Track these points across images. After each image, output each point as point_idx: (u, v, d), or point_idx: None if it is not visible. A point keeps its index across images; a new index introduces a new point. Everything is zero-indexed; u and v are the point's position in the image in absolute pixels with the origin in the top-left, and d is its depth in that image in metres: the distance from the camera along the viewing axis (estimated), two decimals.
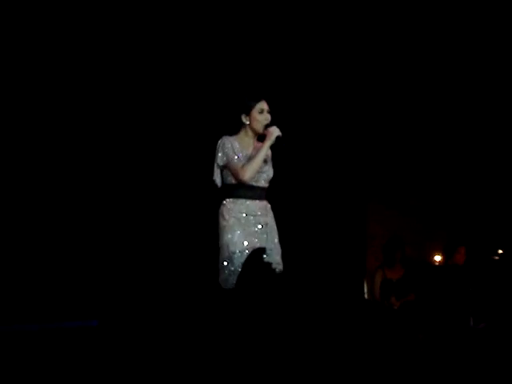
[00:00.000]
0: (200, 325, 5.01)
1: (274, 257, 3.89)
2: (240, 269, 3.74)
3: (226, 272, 3.77)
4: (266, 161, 3.97)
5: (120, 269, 5.47)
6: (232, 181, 3.91)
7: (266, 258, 3.82)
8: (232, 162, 3.86)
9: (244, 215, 3.85)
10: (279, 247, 3.96)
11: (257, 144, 3.97)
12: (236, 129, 3.98)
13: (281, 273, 3.90)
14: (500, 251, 6.71)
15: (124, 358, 4.76)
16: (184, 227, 5.58)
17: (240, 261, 3.75)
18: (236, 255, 3.76)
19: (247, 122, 3.93)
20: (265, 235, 3.88)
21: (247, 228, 3.83)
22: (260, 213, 3.90)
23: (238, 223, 3.83)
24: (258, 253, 3.78)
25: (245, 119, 3.93)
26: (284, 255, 3.98)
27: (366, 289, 6.48)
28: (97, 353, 4.83)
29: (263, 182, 3.96)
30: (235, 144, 3.91)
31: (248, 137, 3.97)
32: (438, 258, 6.95)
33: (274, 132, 3.89)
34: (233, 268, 3.76)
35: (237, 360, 3.66)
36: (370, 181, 6.79)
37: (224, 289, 3.78)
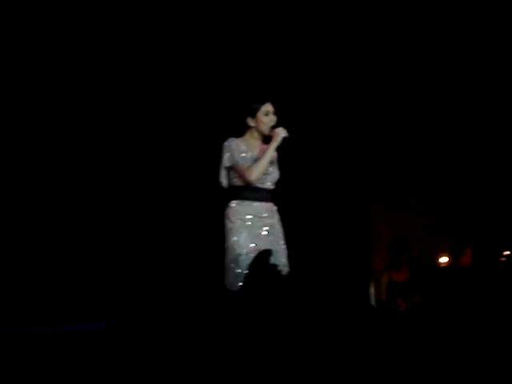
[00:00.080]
0: (206, 327, 5.01)
1: (280, 259, 3.90)
2: (246, 271, 3.74)
3: (232, 274, 3.78)
4: (272, 162, 3.97)
5: (127, 270, 5.48)
6: (238, 183, 3.91)
7: (272, 260, 3.81)
8: (238, 164, 3.87)
9: (250, 217, 3.86)
10: (285, 249, 3.97)
11: (262, 146, 3.98)
12: (242, 131, 3.99)
13: (287, 275, 3.91)
14: (506, 252, 6.69)
15: (131, 360, 4.77)
16: (190, 229, 5.59)
17: (246, 263, 3.75)
18: (242, 257, 3.77)
19: (253, 125, 3.94)
20: (271, 237, 3.90)
21: (253, 230, 3.84)
22: (266, 215, 3.91)
23: (244, 225, 3.84)
24: (264, 255, 3.78)
25: (251, 122, 3.94)
26: (290, 257, 3.99)
27: (373, 291, 6.48)
28: (104, 355, 4.84)
29: (269, 184, 3.96)
30: (241, 145, 3.92)
31: (254, 139, 3.97)
32: (445, 260, 6.93)
33: (281, 133, 3.90)
34: (239, 270, 3.77)
35: (243, 361, 3.66)
36: (376, 182, 6.78)
37: (230, 291, 3.79)
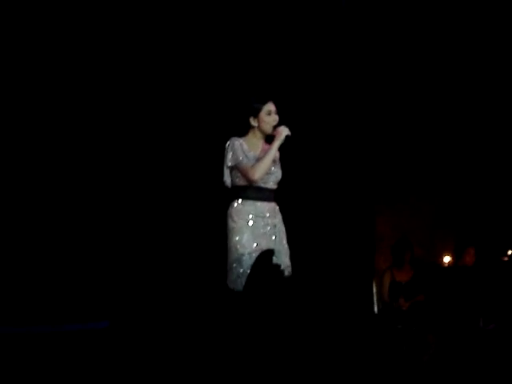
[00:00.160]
0: (209, 326, 5.01)
1: (283, 258, 3.90)
2: (249, 271, 3.73)
3: (235, 274, 3.78)
4: (275, 161, 3.97)
5: (130, 270, 5.49)
6: (241, 182, 3.91)
7: (275, 260, 3.81)
8: (242, 163, 3.86)
9: (253, 217, 3.85)
10: (288, 249, 3.97)
11: (265, 146, 3.98)
12: (244, 131, 3.99)
13: (289, 275, 3.91)
14: (509, 252, 6.69)
15: (135, 360, 4.78)
16: (193, 229, 5.59)
17: (249, 263, 3.75)
18: (245, 257, 3.77)
19: (256, 125, 3.94)
20: (273, 237, 3.89)
21: (256, 230, 3.84)
22: (269, 214, 3.90)
23: (247, 225, 3.83)
24: (267, 254, 3.78)
25: (253, 122, 3.93)
26: (292, 257, 3.99)
27: (375, 290, 6.48)
28: (108, 354, 4.85)
29: (272, 184, 3.96)
30: (244, 145, 3.91)
31: (256, 138, 3.97)
32: (448, 259, 6.93)
33: (283, 132, 3.90)
34: (241, 270, 3.76)
35: (246, 362, 3.67)
36: (379, 182, 6.78)
37: (232, 290, 3.79)
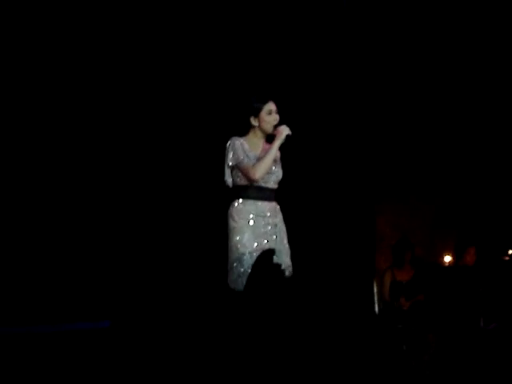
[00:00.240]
0: (210, 325, 5.02)
1: (284, 258, 3.90)
2: (249, 270, 3.74)
3: (236, 273, 3.78)
4: (276, 161, 3.97)
5: (130, 269, 5.49)
6: (241, 182, 3.91)
7: (276, 260, 3.81)
8: (242, 162, 3.86)
9: (253, 216, 3.85)
10: (288, 248, 3.97)
11: (265, 145, 3.98)
12: (245, 130, 3.99)
13: (290, 274, 3.91)
14: (510, 251, 6.69)
15: (135, 359, 4.78)
16: (194, 229, 5.59)
17: (249, 262, 3.75)
18: (245, 256, 3.77)
19: (256, 124, 3.94)
20: (274, 236, 3.89)
21: (257, 229, 3.84)
22: (269, 214, 3.90)
23: (248, 224, 3.83)
24: (268, 254, 3.78)
25: (254, 121, 3.94)
26: (293, 256, 3.99)
27: (376, 290, 6.48)
28: (109, 354, 4.85)
29: (272, 184, 3.96)
30: (245, 145, 3.91)
31: (257, 138, 3.98)
32: (448, 259, 6.93)
33: (284, 131, 3.90)
34: (242, 269, 3.76)
35: (246, 360, 3.67)
36: (379, 181, 6.78)
37: (233, 290, 3.79)
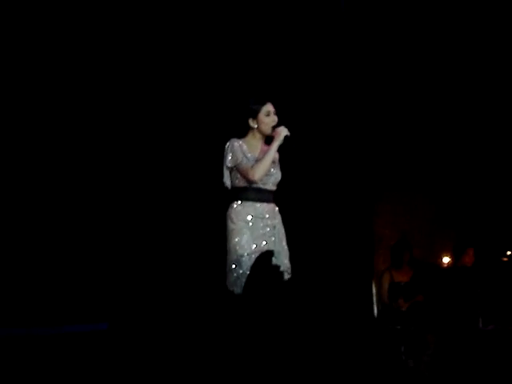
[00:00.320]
0: (208, 328, 5.01)
1: (282, 260, 3.91)
2: (248, 272, 3.74)
3: (235, 275, 3.78)
4: (275, 163, 3.98)
5: (129, 271, 5.48)
6: (240, 183, 3.92)
7: (274, 261, 3.82)
8: (241, 164, 3.87)
9: (252, 218, 3.86)
10: (287, 250, 3.97)
11: (264, 147, 3.98)
12: (243, 132, 3.99)
13: (289, 276, 3.92)
14: (509, 252, 6.69)
15: (133, 362, 4.78)
16: (193, 230, 5.59)
17: (248, 264, 3.75)
18: (244, 258, 3.77)
19: (255, 126, 3.94)
20: (273, 238, 3.89)
21: (255, 231, 3.84)
22: (268, 216, 3.90)
23: (246, 226, 3.83)
24: (267, 256, 3.79)
25: (252, 123, 3.94)
26: (292, 258, 3.99)
27: (375, 291, 6.48)
28: (107, 356, 4.84)
29: (271, 185, 3.96)
30: (243, 146, 3.92)
31: (255, 139, 3.98)
32: (447, 260, 6.94)
33: (282, 132, 3.90)
34: (241, 271, 3.77)
35: (246, 363, 3.67)
36: (378, 182, 6.79)
37: (232, 292, 3.79)
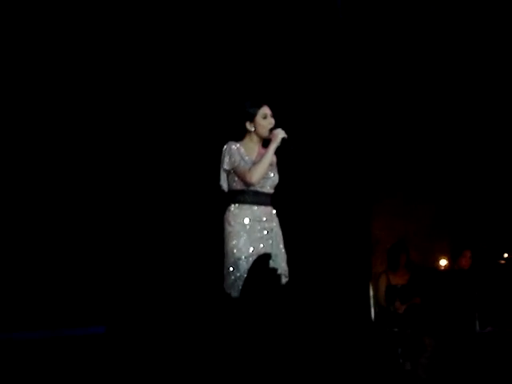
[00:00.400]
0: (206, 330, 5.02)
1: (280, 262, 3.91)
2: (246, 274, 3.75)
3: (232, 278, 3.79)
4: (272, 165, 3.98)
5: (126, 274, 5.48)
6: (237, 186, 3.92)
7: (272, 264, 3.83)
8: (239, 166, 3.87)
9: (249, 221, 3.86)
10: (284, 253, 3.98)
11: (261, 150, 3.98)
12: (240, 135, 4.00)
13: (286, 279, 3.92)
14: (506, 255, 6.69)
15: (130, 365, 4.78)
16: (190, 233, 5.60)
17: (245, 266, 3.76)
18: (241, 261, 3.78)
19: (252, 129, 3.95)
20: (270, 241, 3.90)
21: (253, 234, 3.85)
22: (265, 218, 3.91)
23: (244, 229, 3.84)
24: (264, 258, 3.79)
25: (249, 126, 3.95)
26: (289, 261, 3.99)
27: (372, 294, 6.49)
28: (104, 360, 4.84)
29: (268, 188, 3.97)
30: (241, 149, 3.93)
31: (253, 143, 3.99)
32: (444, 263, 6.94)
33: (279, 134, 3.90)
34: (238, 274, 3.77)
35: (244, 366, 3.67)
36: (375, 185, 6.80)
37: (229, 294, 3.80)
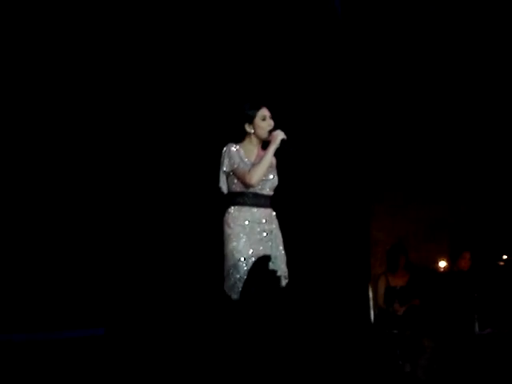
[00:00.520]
0: (206, 332, 5.02)
1: (279, 265, 3.91)
2: (245, 276, 3.75)
3: (232, 280, 3.78)
4: (272, 167, 3.98)
5: (126, 276, 5.49)
6: (237, 188, 3.92)
7: (271, 266, 3.83)
8: (239, 167, 3.87)
9: (249, 223, 3.86)
10: (284, 255, 3.97)
11: (261, 152, 3.98)
12: (240, 137, 3.99)
13: (286, 280, 3.92)
14: (505, 256, 6.70)
15: (129, 367, 4.77)
16: (190, 235, 5.60)
17: (245, 268, 3.76)
18: (241, 263, 3.77)
19: (251, 131, 3.95)
20: (270, 243, 3.89)
21: (252, 236, 3.84)
22: (265, 220, 3.91)
23: (243, 231, 3.83)
24: (263, 260, 3.79)
25: (248, 128, 3.95)
26: (289, 262, 3.99)
27: (371, 295, 6.49)
28: (103, 361, 4.84)
29: (268, 190, 3.97)
30: (240, 151, 3.92)
31: (252, 145, 3.98)
32: (443, 264, 6.94)
33: (279, 135, 3.90)
34: (238, 276, 3.77)
35: (244, 368, 3.67)
36: (374, 187, 6.80)
37: (229, 296, 3.80)
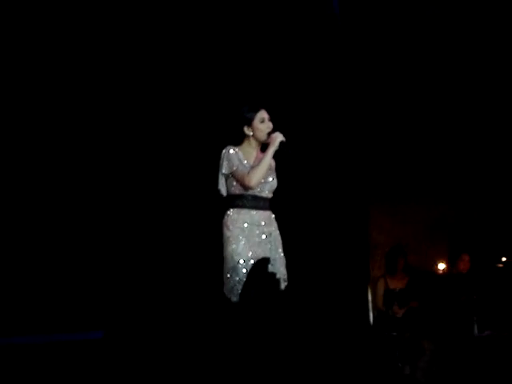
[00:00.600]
0: (205, 335, 5.01)
1: (279, 267, 3.91)
2: (245, 279, 3.74)
3: (231, 282, 3.78)
4: (271, 170, 3.98)
5: (125, 278, 5.48)
6: (236, 191, 3.92)
7: (271, 268, 3.83)
8: (238, 170, 3.87)
9: (248, 225, 3.86)
10: (283, 257, 3.97)
11: (260, 154, 3.98)
12: (239, 140, 3.99)
13: (285, 283, 3.92)
14: (504, 259, 6.70)
15: (128, 371, 4.76)
16: (189, 238, 5.59)
17: (244, 271, 3.76)
18: (240, 265, 3.77)
19: (250, 133, 3.95)
20: (269, 245, 3.89)
21: (251, 238, 3.84)
22: (264, 223, 3.91)
23: (242, 233, 3.83)
24: (263, 263, 3.79)
25: (247, 130, 3.94)
26: (288, 265, 3.99)
27: (370, 298, 6.49)
28: (101, 365, 4.83)
29: (267, 193, 3.97)
30: (239, 153, 3.92)
31: (251, 147, 3.98)
32: (442, 267, 6.94)
33: (278, 137, 3.90)
34: (237, 278, 3.77)
35: (244, 370, 3.67)
36: (373, 189, 6.80)
37: (229, 299, 3.79)
